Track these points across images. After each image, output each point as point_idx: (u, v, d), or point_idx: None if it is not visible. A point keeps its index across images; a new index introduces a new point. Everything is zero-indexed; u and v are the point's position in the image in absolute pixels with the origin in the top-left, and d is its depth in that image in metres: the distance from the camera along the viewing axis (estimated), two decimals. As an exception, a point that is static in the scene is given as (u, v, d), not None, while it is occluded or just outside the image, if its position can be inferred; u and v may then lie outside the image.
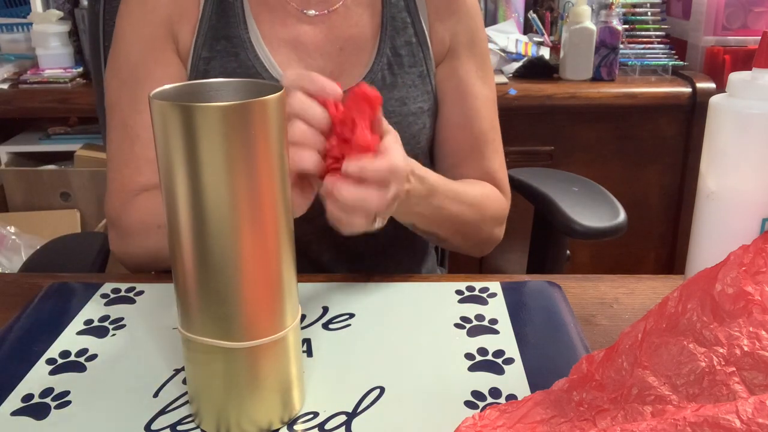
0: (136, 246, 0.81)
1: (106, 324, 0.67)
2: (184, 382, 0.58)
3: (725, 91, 0.62)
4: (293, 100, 0.58)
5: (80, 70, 1.95)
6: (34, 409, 0.55)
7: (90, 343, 0.64)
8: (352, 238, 0.88)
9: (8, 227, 1.71)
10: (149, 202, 0.80)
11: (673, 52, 1.95)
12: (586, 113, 1.80)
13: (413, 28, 0.89)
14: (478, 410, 0.53)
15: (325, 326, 0.66)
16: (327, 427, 0.53)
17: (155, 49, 0.83)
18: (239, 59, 0.84)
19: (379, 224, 0.65)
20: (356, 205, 0.61)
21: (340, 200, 0.60)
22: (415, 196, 0.70)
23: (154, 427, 0.53)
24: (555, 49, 1.91)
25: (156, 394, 0.57)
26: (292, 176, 0.57)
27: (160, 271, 0.92)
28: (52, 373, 0.60)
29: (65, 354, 0.62)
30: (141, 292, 0.73)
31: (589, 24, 1.80)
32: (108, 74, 0.86)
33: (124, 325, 0.67)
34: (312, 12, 0.86)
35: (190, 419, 0.54)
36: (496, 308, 0.69)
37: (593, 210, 1.03)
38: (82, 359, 0.62)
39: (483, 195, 0.87)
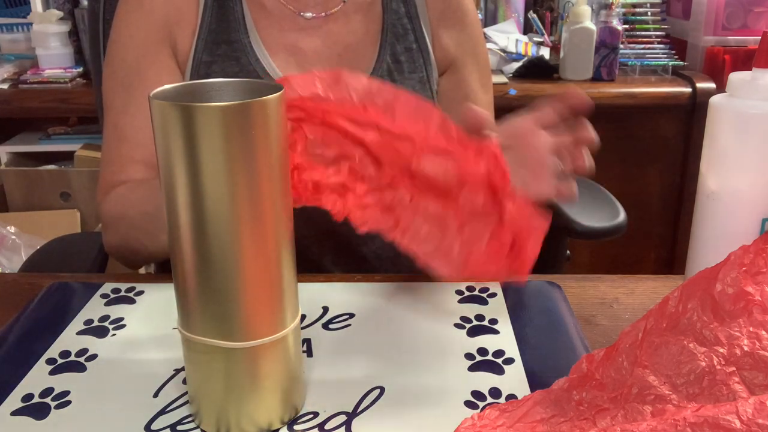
0: (110, 237, 0.83)
1: (106, 324, 0.67)
2: (184, 382, 0.58)
3: (725, 91, 0.62)
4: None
5: (80, 70, 1.95)
6: (34, 409, 0.55)
7: (90, 343, 0.64)
8: (353, 240, 0.88)
9: (8, 227, 1.71)
10: (117, 195, 0.82)
11: (673, 52, 1.95)
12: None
13: (414, 35, 0.89)
14: (478, 410, 0.53)
15: (325, 326, 0.66)
16: (327, 427, 0.53)
17: (150, 52, 0.83)
18: (240, 63, 0.84)
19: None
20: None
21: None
22: None
23: (154, 427, 0.53)
24: (555, 49, 1.91)
25: (156, 394, 0.57)
26: None
27: (160, 270, 0.92)
28: (52, 373, 0.60)
29: (65, 354, 0.62)
30: (141, 292, 0.73)
31: (589, 24, 1.80)
32: (104, 74, 0.87)
33: (124, 325, 0.67)
34: (309, 14, 0.86)
35: (190, 419, 0.54)
36: (496, 308, 0.69)
37: (593, 210, 1.03)
38: (82, 359, 0.62)
39: None
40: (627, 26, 1.94)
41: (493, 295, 0.71)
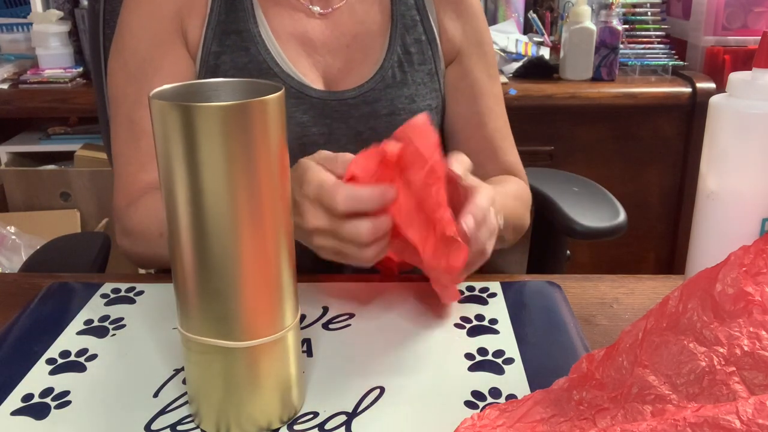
0: (139, 246, 0.81)
1: (106, 324, 0.67)
2: (184, 382, 0.58)
3: (725, 91, 0.62)
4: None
5: (80, 70, 1.94)
6: (34, 409, 0.55)
7: (90, 343, 0.64)
8: None
9: (8, 227, 1.71)
10: (151, 207, 0.79)
11: (673, 52, 1.95)
12: (586, 113, 1.80)
13: (422, 26, 0.89)
14: (478, 410, 0.53)
15: (325, 326, 0.66)
16: (327, 427, 0.53)
17: (164, 43, 0.82)
18: (250, 53, 0.83)
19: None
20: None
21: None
22: None
23: (154, 427, 0.53)
24: (555, 49, 1.91)
25: (156, 394, 0.57)
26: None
27: (160, 271, 0.92)
28: (52, 373, 0.60)
29: (65, 354, 0.62)
30: (141, 292, 0.73)
31: (589, 24, 1.80)
32: (112, 67, 0.85)
33: (124, 325, 0.67)
34: (316, 8, 0.86)
35: (190, 419, 0.54)
36: (496, 308, 0.69)
37: (593, 210, 1.03)
38: (82, 359, 0.62)
39: (518, 189, 0.89)
40: (627, 26, 1.94)
41: (493, 295, 0.71)
